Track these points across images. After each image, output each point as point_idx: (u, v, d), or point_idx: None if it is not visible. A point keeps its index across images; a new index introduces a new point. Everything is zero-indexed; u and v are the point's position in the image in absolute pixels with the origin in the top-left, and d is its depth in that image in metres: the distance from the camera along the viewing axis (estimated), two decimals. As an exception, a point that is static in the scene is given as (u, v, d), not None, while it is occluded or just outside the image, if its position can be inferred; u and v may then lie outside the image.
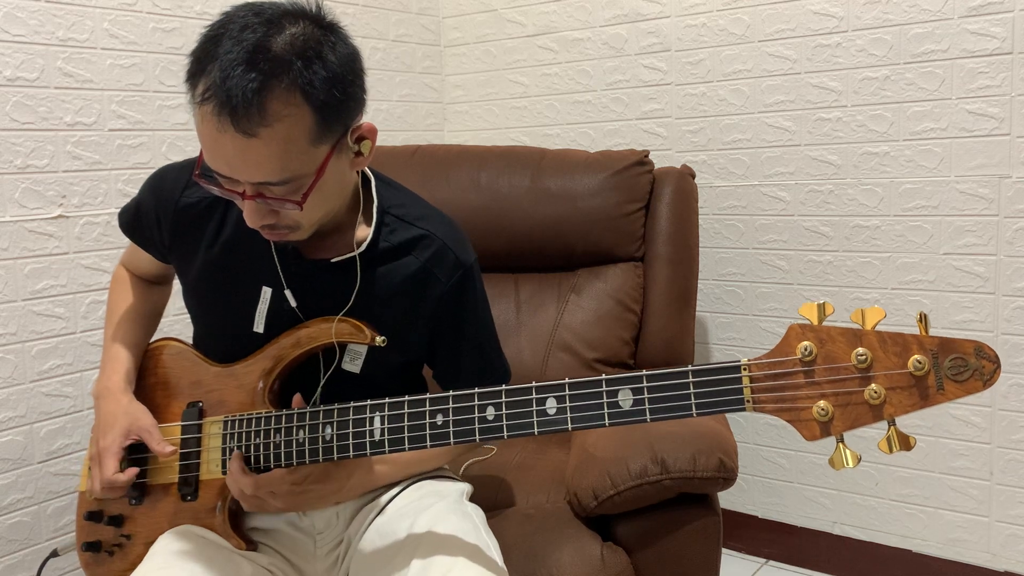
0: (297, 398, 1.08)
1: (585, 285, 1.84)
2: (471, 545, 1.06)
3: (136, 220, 1.22)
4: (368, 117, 1.20)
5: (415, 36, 2.50)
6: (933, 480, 1.92)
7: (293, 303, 1.11)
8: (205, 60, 0.91)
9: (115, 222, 1.83)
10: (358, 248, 1.11)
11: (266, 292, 1.12)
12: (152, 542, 1.11)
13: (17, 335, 1.69)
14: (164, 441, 1.12)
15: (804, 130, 1.99)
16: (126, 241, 1.86)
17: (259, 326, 1.12)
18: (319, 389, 1.14)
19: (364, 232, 1.12)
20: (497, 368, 1.24)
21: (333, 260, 1.10)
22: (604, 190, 1.84)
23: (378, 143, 1.18)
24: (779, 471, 2.12)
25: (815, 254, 2.02)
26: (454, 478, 1.26)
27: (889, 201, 1.91)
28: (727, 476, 1.29)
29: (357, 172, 1.09)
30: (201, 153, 0.97)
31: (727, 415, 2.17)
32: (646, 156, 1.89)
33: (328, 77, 0.93)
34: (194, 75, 0.92)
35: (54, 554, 1.48)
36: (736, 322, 2.15)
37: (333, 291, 1.11)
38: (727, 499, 2.21)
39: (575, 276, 1.87)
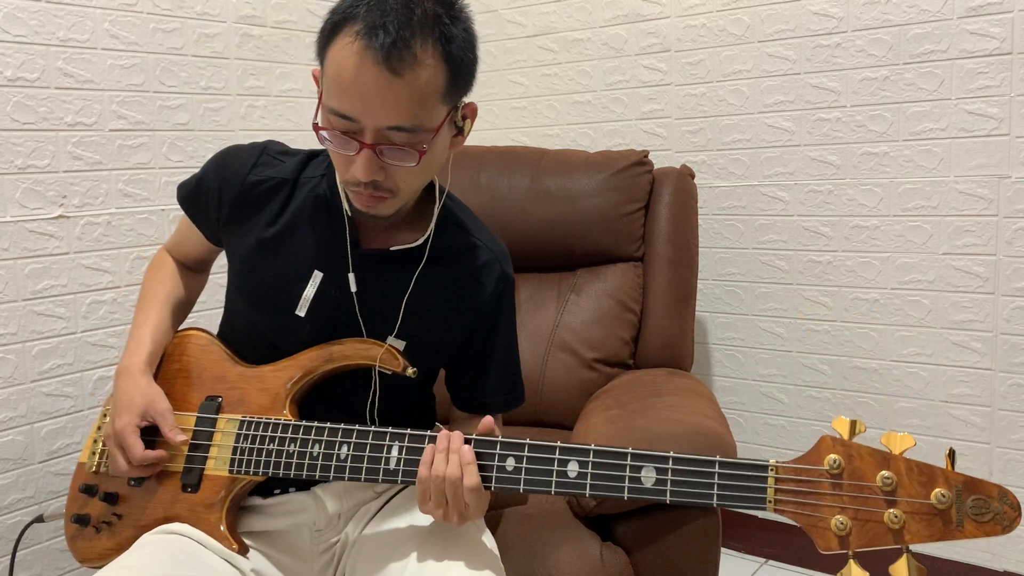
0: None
1: (585, 285, 1.84)
2: (468, 544, 1.06)
3: (196, 193, 1.23)
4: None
5: (415, 36, 2.50)
6: (933, 480, 1.92)
7: (354, 288, 1.12)
8: (354, 11, 0.96)
9: (115, 222, 1.83)
10: (417, 241, 1.13)
11: (317, 276, 1.13)
12: (143, 525, 1.11)
13: (17, 335, 1.69)
14: (177, 428, 1.12)
15: (804, 130, 2.00)
16: (127, 241, 1.88)
17: (301, 309, 1.13)
18: (375, 395, 1.15)
19: (424, 230, 1.15)
20: (519, 384, 1.26)
21: (392, 248, 1.12)
22: (604, 190, 1.84)
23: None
24: (779, 471, 2.12)
25: (815, 254, 2.02)
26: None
27: (888, 201, 1.91)
28: (726, 476, 1.29)
29: (450, 155, 1.11)
30: (318, 106, 1.00)
31: (725, 414, 2.17)
32: (646, 156, 1.89)
33: (466, 38, 1.00)
34: (340, 23, 0.97)
35: (39, 519, 1.47)
36: (736, 322, 2.15)
37: (387, 281, 1.13)
38: (727, 499, 2.20)
39: (575, 276, 1.87)
